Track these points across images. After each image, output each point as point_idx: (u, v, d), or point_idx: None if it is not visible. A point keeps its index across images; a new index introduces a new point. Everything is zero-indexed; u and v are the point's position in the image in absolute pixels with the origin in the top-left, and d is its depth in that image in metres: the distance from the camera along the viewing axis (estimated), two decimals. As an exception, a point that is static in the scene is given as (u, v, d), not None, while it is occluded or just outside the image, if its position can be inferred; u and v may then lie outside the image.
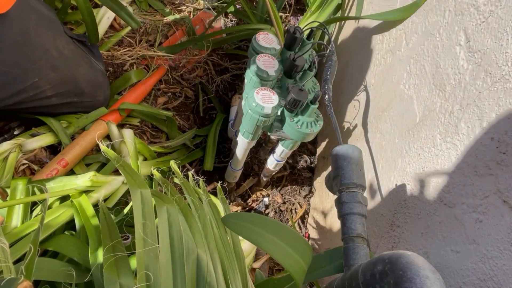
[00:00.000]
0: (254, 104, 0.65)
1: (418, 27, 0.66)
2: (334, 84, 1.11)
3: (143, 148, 0.88)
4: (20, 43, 0.64)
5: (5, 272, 0.38)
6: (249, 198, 1.15)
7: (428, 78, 0.60)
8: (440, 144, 0.54)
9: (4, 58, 0.62)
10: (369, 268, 0.41)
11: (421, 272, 0.36)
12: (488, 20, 0.48)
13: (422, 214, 0.56)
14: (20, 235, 0.53)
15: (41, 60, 0.68)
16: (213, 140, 1.10)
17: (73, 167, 0.77)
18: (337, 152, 0.57)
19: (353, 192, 0.52)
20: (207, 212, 0.60)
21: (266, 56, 0.72)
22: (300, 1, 1.46)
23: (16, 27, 0.62)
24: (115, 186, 0.72)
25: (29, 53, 0.66)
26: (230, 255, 0.55)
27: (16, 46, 0.63)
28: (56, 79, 0.73)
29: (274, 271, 0.97)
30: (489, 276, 0.41)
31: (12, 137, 0.75)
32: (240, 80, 1.28)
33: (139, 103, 0.99)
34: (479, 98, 0.47)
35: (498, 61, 0.45)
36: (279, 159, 0.88)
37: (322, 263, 0.54)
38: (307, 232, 1.12)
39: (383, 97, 0.77)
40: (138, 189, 0.50)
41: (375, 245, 0.69)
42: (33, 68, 0.67)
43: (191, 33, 1.20)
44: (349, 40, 1.06)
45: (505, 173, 0.41)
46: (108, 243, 0.48)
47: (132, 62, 1.08)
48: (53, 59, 0.71)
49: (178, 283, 0.43)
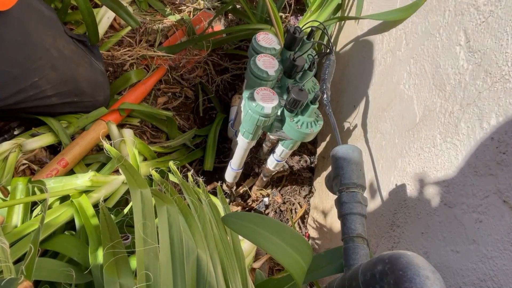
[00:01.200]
0: (254, 104, 0.65)
1: (418, 27, 0.66)
2: (334, 84, 1.12)
3: (143, 148, 0.88)
4: (21, 43, 0.64)
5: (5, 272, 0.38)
6: (249, 198, 1.15)
7: (428, 78, 0.60)
8: (440, 144, 0.54)
9: (4, 58, 0.62)
10: (369, 268, 0.41)
11: (421, 272, 0.36)
12: (488, 20, 0.48)
13: (422, 214, 0.56)
14: (20, 235, 0.53)
15: (41, 60, 0.68)
16: (213, 140, 1.10)
17: (73, 167, 0.77)
18: (337, 152, 0.57)
19: (353, 192, 0.52)
20: (206, 212, 0.60)
21: (266, 56, 0.72)
22: (300, 1, 1.46)
23: (16, 27, 0.62)
24: (115, 186, 0.72)
25: (29, 53, 0.66)
26: (230, 255, 0.55)
27: (16, 46, 0.63)
28: (56, 78, 0.73)
29: (274, 271, 0.97)
30: (489, 276, 0.41)
31: (12, 137, 0.76)
32: (240, 80, 1.28)
33: (139, 103, 0.99)
34: (479, 98, 0.47)
35: (498, 61, 0.45)
36: (279, 159, 0.88)
37: (322, 263, 0.54)
38: (307, 232, 1.12)
39: (383, 97, 0.77)
40: (138, 188, 0.50)
41: (375, 245, 0.69)
42: (33, 68, 0.67)
43: (191, 33, 1.20)
44: (349, 40, 1.06)
45: (505, 173, 0.41)
46: (108, 243, 0.48)
47: (132, 62, 1.08)
48: (53, 58, 0.71)
49: (178, 283, 0.43)
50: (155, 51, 1.12)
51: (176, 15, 1.25)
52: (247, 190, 1.14)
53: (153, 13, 1.24)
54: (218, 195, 0.72)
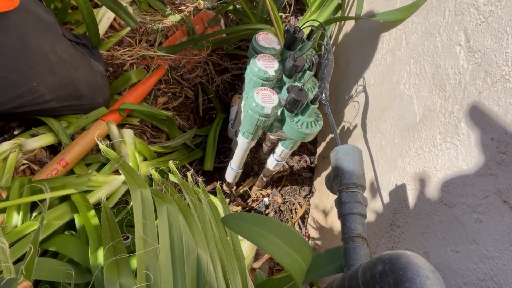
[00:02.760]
0: (254, 104, 0.65)
1: (418, 27, 0.66)
2: (334, 84, 1.12)
3: (143, 148, 0.88)
4: (18, 49, 0.63)
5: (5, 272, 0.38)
6: (249, 198, 1.15)
7: (428, 78, 0.60)
8: (440, 144, 0.54)
9: (2, 63, 0.62)
10: (369, 268, 0.41)
11: (421, 272, 0.36)
12: (488, 20, 0.48)
13: (422, 214, 0.56)
14: (20, 235, 0.53)
15: (40, 65, 0.68)
16: (213, 140, 1.10)
17: (73, 167, 0.77)
18: (337, 152, 0.57)
19: (353, 192, 0.52)
20: (206, 212, 0.60)
21: (266, 56, 0.72)
22: (300, 1, 1.46)
23: (14, 32, 0.62)
24: (115, 186, 0.72)
25: (28, 58, 0.66)
26: (230, 255, 0.55)
27: (14, 51, 0.63)
28: (55, 83, 0.72)
29: (274, 271, 0.97)
30: (489, 276, 0.41)
31: (12, 137, 0.75)
32: (240, 80, 1.28)
33: (139, 103, 0.99)
34: (479, 98, 0.47)
35: (498, 61, 0.45)
36: (279, 159, 0.88)
37: (322, 263, 0.54)
38: (307, 232, 1.12)
39: (383, 97, 0.77)
40: (138, 189, 0.50)
41: (375, 245, 0.69)
42: (31, 73, 0.67)
43: (191, 33, 1.20)
44: (349, 40, 1.06)
45: (505, 173, 0.41)
46: (108, 243, 0.48)
47: (132, 62, 1.08)
48: (52, 63, 0.71)
49: (178, 283, 0.43)
50: (155, 51, 1.12)
51: (176, 15, 1.25)
52: (247, 190, 1.14)
53: (153, 13, 1.24)
54: (218, 195, 0.72)
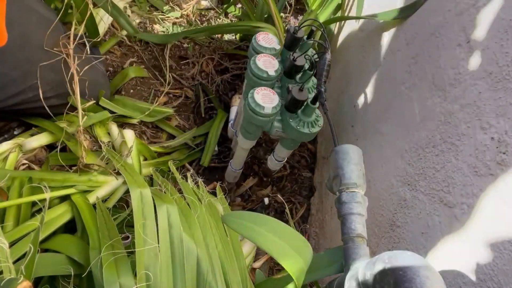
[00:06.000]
0: (254, 104, 0.65)
1: (418, 27, 0.66)
2: (334, 84, 1.12)
3: (143, 148, 0.88)
4: (20, 46, 0.63)
5: (5, 272, 0.38)
6: (249, 198, 1.15)
7: (428, 78, 0.60)
8: (440, 144, 0.54)
9: (3, 60, 0.62)
10: (369, 268, 0.41)
11: (421, 272, 0.36)
12: (488, 20, 0.48)
13: (422, 214, 0.56)
14: (20, 234, 0.53)
15: (41, 62, 0.68)
16: (215, 136, 1.09)
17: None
18: (337, 152, 0.57)
19: (353, 192, 0.52)
20: (206, 212, 0.60)
21: (266, 56, 0.72)
22: (300, 1, 1.46)
23: (16, 29, 0.62)
24: (115, 186, 0.72)
25: (29, 55, 0.66)
26: (230, 255, 0.55)
27: (15, 48, 0.63)
28: (56, 80, 0.73)
29: (274, 271, 0.97)
30: (489, 276, 0.41)
31: (12, 137, 0.76)
32: (240, 80, 1.28)
33: (140, 102, 1.00)
34: (479, 98, 0.47)
35: (498, 61, 0.45)
36: (279, 159, 0.88)
37: (322, 263, 0.54)
38: (307, 232, 1.12)
39: (383, 97, 0.77)
40: (138, 189, 0.50)
41: (375, 245, 0.69)
42: (32, 70, 0.67)
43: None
44: (349, 40, 1.06)
45: (505, 173, 0.41)
46: (106, 242, 0.48)
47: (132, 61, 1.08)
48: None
49: (177, 283, 0.43)
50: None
51: (176, 12, 1.25)
52: (247, 190, 1.14)
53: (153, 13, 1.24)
54: (218, 195, 0.72)
